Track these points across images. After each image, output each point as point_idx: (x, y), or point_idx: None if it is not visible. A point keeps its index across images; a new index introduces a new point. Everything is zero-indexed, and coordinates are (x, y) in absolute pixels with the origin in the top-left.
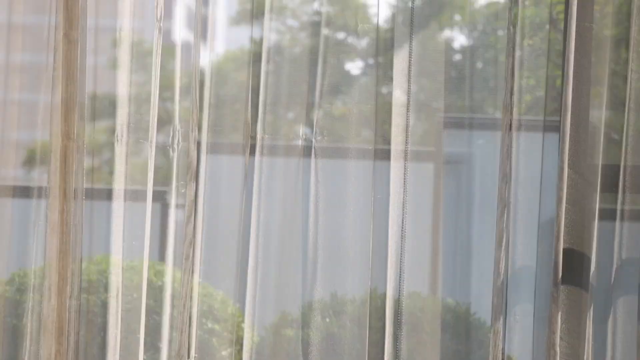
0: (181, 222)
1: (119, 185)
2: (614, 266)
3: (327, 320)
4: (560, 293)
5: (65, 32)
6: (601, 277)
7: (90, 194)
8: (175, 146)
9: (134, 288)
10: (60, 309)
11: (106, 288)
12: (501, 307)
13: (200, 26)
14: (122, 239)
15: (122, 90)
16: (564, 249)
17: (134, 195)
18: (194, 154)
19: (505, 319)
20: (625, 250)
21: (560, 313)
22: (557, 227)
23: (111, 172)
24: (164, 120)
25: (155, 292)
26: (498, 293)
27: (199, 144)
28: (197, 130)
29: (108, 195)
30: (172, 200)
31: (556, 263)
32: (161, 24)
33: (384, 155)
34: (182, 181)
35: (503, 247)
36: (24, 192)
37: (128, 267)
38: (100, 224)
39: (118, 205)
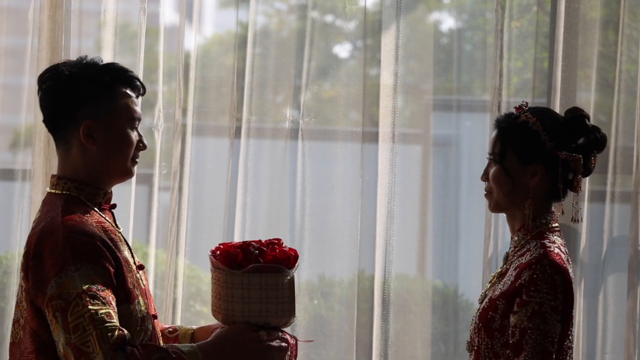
0: (166, 204)
1: None
2: (605, 244)
3: (315, 302)
4: None
5: (49, 13)
6: (592, 254)
7: None
8: (159, 128)
9: None
10: None
11: None
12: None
13: (187, 9)
14: None
15: None
16: None
17: None
18: (179, 136)
19: None
20: (616, 228)
21: None
22: None
23: None
24: (150, 102)
25: None
26: (487, 269)
27: (184, 126)
28: (181, 112)
29: None
30: (156, 182)
31: None
32: (145, 6)
33: (372, 137)
34: (165, 162)
35: (493, 224)
36: (8, 175)
37: None
38: None
39: None
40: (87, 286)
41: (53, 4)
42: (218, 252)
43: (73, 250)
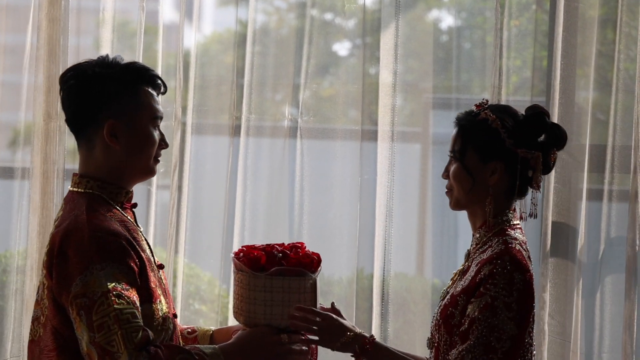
0: (165, 202)
1: None
2: (602, 243)
3: None
4: (549, 268)
5: (47, 11)
6: (590, 254)
7: (71, 175)
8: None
9: None
10: None
11: None
12: None
13: (186, 7)
14: None
15: None
16: (552, 222)
17: None
18: (178, 134)
19: None
20: (614, 229)
21: (549, 291)
22: (546, 204)
23: None
24: None
25: None
26: None
27: (183, 125)
28: (181, 110)
29: None
30: (155, 180)
31: (545, 236)
32: (144, 4)
33: (371, 136)
34: (164, 161)
35: None
36: (7, 173)
37: None
38: None
39: None
40: (112, 285)
41: (52, 2)
42: (241, 254)
43: (99, 249)
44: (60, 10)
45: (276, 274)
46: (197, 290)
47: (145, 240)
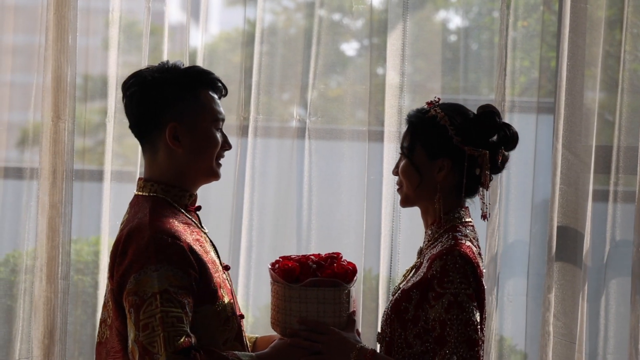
0: None
1: (110, 166)
2: (607, 245)
3: None
4: (554, 270)
5: (56, 11)
6: (595, 257)
7: (82, 175)
8: None
9: None
10: (49, 289)
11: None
12: (494, 279)
13: (193, 7)
14: (112, 220)
15: (113, 71)
16: (558, 226)
17: (127, 176)
18: None
19: (497, 291)
20: (619, 231)
21: (554, 292)
22: (551, 205)
23: (104, 153)
24: None
25: None
26: (490, 267)
27: None
28: None
29: (100, 175)
30: None
31: (550, 238)
32: (149, 5)
33: (377, 136)
34: None
35: (496, 222)
36: (16, 173)
37: None
38: (92, 205)
39: (108, 185)
40: (164, 287)
41: (60, 3)
42: (277, 265)
43: (156, 251)
44: (69, 10)
45: (310, 285)
46: None
47: (211, 242)
